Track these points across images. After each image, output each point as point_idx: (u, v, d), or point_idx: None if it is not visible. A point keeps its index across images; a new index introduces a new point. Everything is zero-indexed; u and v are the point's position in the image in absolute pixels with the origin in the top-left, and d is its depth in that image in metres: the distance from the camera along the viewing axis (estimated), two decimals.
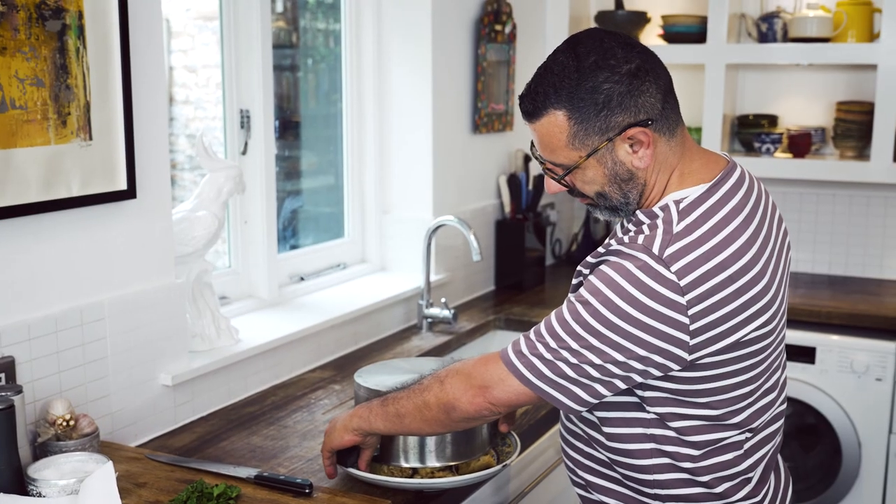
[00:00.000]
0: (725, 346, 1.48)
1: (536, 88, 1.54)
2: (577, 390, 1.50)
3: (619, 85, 1.48)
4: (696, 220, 1.48)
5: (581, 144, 1.51)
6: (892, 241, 3.68)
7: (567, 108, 1.50)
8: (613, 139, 1.50)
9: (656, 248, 1.45)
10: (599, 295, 1.46)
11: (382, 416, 1.67)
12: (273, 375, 2.44)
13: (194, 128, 4.88)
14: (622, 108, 1.48)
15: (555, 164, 1.56)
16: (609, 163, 1.52)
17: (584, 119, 1.49)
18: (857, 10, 3.49)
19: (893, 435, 3.21)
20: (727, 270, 1.46)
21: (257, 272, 2.66)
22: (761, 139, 3.61)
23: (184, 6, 4.84)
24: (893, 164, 3.39)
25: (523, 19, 3.58)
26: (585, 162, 1.53)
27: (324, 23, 3.31)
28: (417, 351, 2.74)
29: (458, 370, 1.60)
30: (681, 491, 1.58)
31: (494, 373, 1.55)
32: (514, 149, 3.60)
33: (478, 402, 1.56)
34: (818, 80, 3.75)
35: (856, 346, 3.20)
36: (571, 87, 1.49)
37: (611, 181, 1.54)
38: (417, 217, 3.10)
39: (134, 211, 2.01)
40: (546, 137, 1.54)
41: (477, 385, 1.56)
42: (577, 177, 1.56)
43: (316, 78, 3.34)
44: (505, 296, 3.41)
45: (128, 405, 2.02)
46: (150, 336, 2.06)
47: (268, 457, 1.98)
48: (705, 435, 1.55)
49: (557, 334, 1.49)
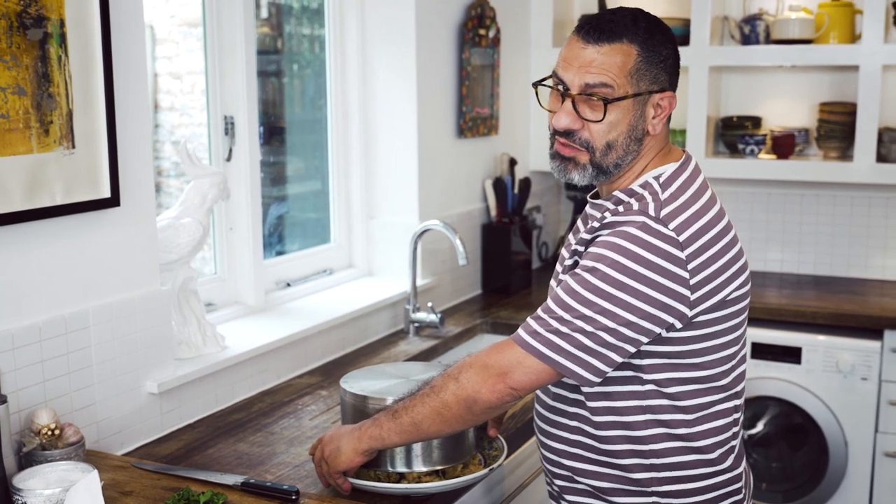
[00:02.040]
0: (715, 303, 1.58)
1: (610, 22, 1.61)
2: (593, 361, 1.54)
3: (674, 53, 1.65)
4: (678, 188, 1.61)
5: (635, 82, 1.60)
6: (876, 240, 3.70)
7: (639, 46, 1.59)
8: (654, 94, 1.62)
9: (652, 210, 1.56)
10: (605, 259, 1.53)
11: (397, 430, 1.65)
12: (260, 382, 2.44)
13: (180, 134, 4.87)
14: (668, 73, 1.63)
15: (602, 88, 1.58)
16: (638, 114, 1.62)
17: (648, 61, 1.60)
18: (839, 11, 3.51)
19: (880, 434, 3.22)
20: (713, 230, 1.58)
21: (243, 278, 2.65)
22: (745, 141, 3.62)
23: (168, 13, 4.85)
24: (876, 165, 3.41)
25: (507, 23, 3.59)
26: (626, 102, 1.60)
27: (308, 28, 3.31)
28: (405, 356, 2.74)
29: (471, 363, 1.61)
30: (676, 459, 1.63)
31: (511, 357, 1.57)
32: (500, 152, 3.60)
33: (499, 388, 1.57)
34: (801, 81, 3.77)
35: (841, 346, 3.22)
36: (646, 34, 1.60)
37: (628, 133, 1.63)
38: (403, 222, 3.10)
39: (118, 219, 2.00)
40: (607, 62, 1.58)
41: (495, 373, 1.57)
42: (607, 114, 1.60)
43: (301, 83, 3.34)
44: (492, 299, 3.42)
45: (114, 414, 2.02)
46: (136, 344, 2.06)
47: (255, 463, 1.97)
48: (698, 399, 1.62)
49: (569, 305, 1.54)
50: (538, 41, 3.80)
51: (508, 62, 3.63)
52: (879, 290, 3.54)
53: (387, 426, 1.66)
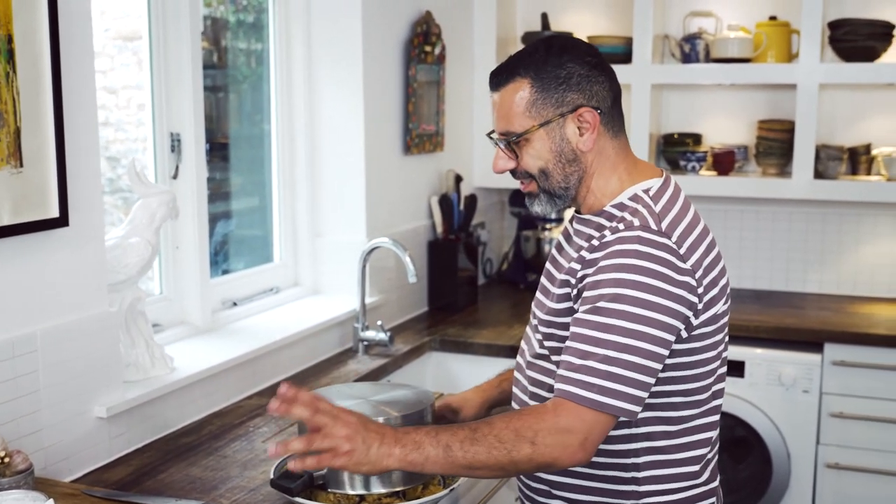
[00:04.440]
0: (709, 317, 1.62)
1: (508, 61, 1.69)
2: (637, 392, 1.53)
3: (580, 67, 1.65)
4: (667, 202, 1.65)
5: (537, 113, 1.65)
6: (814, 255, 3.80)
7: (532, 78, 1.65)
8: (566, 115, 1.65)
9: (652, 224, 1.58)
10: (621, 283, 1.54)
11: (443, 464, 1.50)
12: (210, 404, 2.41)
13: (115, 150, 4.78)
14: (579, 88, 1.65)
15: (509, 132, 1.67)
16: (557, 138, 1.65)
17: (544, 89, 1.64)
18: (776, 31, 3.62)
19: (821, 446, 3.31)
20: (704, 243, 1.63)
21: (190, 298, 2.62)
22: (686, 157, 3.70)
23: (103, 26, 4.77)
24: (814, 181, 3.52)
25: (452, 40, 3.62)
26: (536, 132, 1.65)
27: (245, 43, 3.29)
28: (354, 375, 2.74)
29: (547, 426, 1.51)
30: (657, 472, 1.65)
31: (587, 418, 1.51)
32: (446, 169, 3.62)
33: (579, 456, 1.52)
34: (740, 99, 3.86)
35: (783, 360, 3.30)
36: (539, 62, 1.65)
37: (556, 158, 1.66)
38: (350, 239, 3.10)
39: (66, 239, 1.97)
40: (507, 105, 1.67)
41: (578, 440, 1.51)
42: (526, 149, 1.67)
43: (238, 99, 3.33)
44: (439, 316, 3.43)
45: (62, 439, 1.98)
46: (84, 367, 2.02)
47: (208, 488, 1.95)
48: (680, 412, 1.65)
49: (604, 340, 1.53)
50: (482, 58, 3.84)
51: (453, 79, 3.66)
52: (818, 304, 3.65)
53: (433, 459, 1.50)
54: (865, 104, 3.70)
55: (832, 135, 3.72)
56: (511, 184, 3.92)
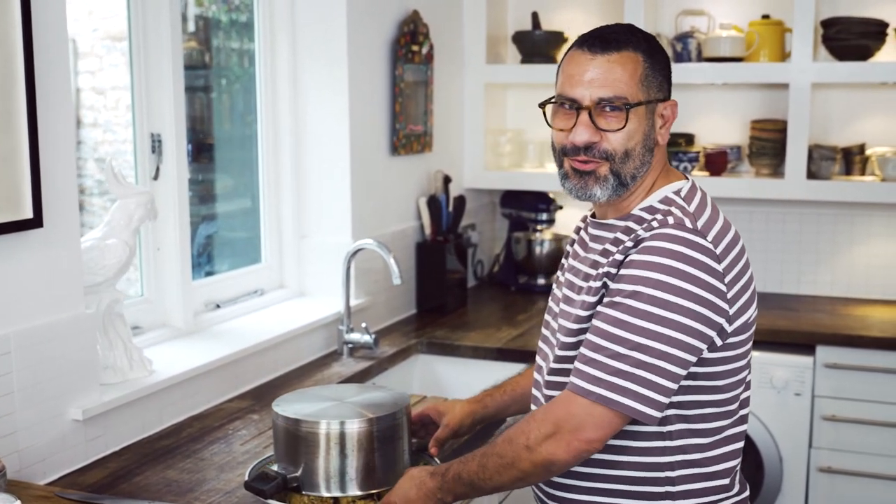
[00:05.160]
0: (741, 324, 1.59)
1: (619, 29, 1.65)
2: (654, 395, 1.51)
3: (670, 65, 1.69)
4: (699, 204, 1.62)
5: (646, 89, 1.62)
6: (809, 256, 3.81)
7: (645, 54, 1.63)
8: (662, 102, 1.65)
9: (688, 223, 1.55)
10: (647, 281, 1.51)
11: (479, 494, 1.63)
12: (189, 406, 2.42)
13: (103, 151, 4.80)
14: (669, 81, 1.68)
15: (619, 98, 1.59)
16: (649, 124, 1.64)
17: (654, 67, 1.63)
18: (769, 29, 3.63)
19: (813, 449, 3.31)
20: (737, 246, 1.61)
21: (171, 300, 2.63)
22: (678, 158, 3.71)
23: (91, 26, 4.78)
24: (807, 181, 3.52)
25: (440, 40, 3.63)
26: (640, 109, 1.61)
27: (238, 42, 3.30)
28: (338, 377, 2.75)
29: (538, 425, 1.55)
30: (692, 486, 1.62)
31: (579, 411, 1.52)
32: (434, 170, 3.63)
33: (574, 447, 1.53)
34: (733, 99, 3.87)
35: (775, 362, 3.30)
36: (647, 43, 1.65)
37: (643, 143, 1.63)
38: (336, 241, 3.11)
39: (41, 240, 1.98)
40: (616, 72, 1.60)
41: (568, 432, 1.52)
42: (630, 122, 1.61)
43: (230, 99, 3.34)
44: (427, 319, 3.44)
45: (36, 441, 1.99)
46: (60, 369, 2.03)
47: (184, 491, 1.96)
48: (712, 423, 1.62)
49: (620, 337, 1.51)
50: (472, 57, 3.85)
51: (442, 79, 3.66)
52: (812, 306, 3.65)
53: (469, 494, 1.64)
54: (860, 104, 3.71)
55: (826, 135, 3.73)
56: (502, 184, 3.94)
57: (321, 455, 1.74)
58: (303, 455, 1.75)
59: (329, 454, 1.74)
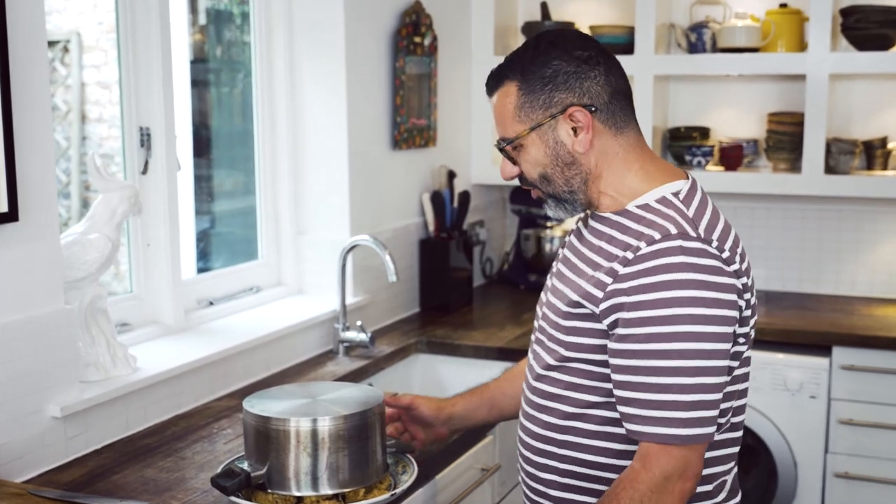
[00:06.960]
0: (745, 331, 1.62)
1: (499, 65, 1.70)
2: (711, 413, 1.52)
3: (567, 65, 1.62)
4: (698, 207, 1.61)
5: (526, 117, 1.64)
6: (829, 254, 3.78)
7: (518, 80, 1.64)
8: (556, 117, 1.62)
9: (691, 230, 1.54)
10: (668, 302, 1.50)
11: None
12: (175, 405, 2.45)
13: (109, 147, 4.87)
14: (567, 87, 1.62)
15: (504, 139, 1.68)
16: (550, 142, 1.64)
17: (530, 91, 1.63)
18: (787, 19, 3.60)
19: (829, 454, 3.29)
20: (739, 247, 1.61)
21: (161, 297, 2.66)
22: (692, 152, 3.69)
23: (96, 20, 4.85)
24: (825, 176, 3.49)
25: (446, 31, 3.63)
26: (528, 137, 1.64)
27: (248, 35, 3.33)
28: (332, 376, 2.76)
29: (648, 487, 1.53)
30: None
31: (678, 455, 1.52)
32: (438, 165, 3.64)
33: (688, 488, 1.54)
34: (749, 90, 3.85)
35: (789, 364, 3.28)
36: (525, 62, 1.64)
37: (553, 163, 1.65)
38: (334, 238, 3.12)
39: (17, 234, 2.01)
40: (499, 110, 1.68)
41: (675, 481, 1.53)
42: (523, 156, 1.68)
43: (241, 92, 3.35)
44: (430, 318, 3.45)
45: (13, 438, 2.02)
46: (38, 366, 2.06)
47: (161, 490, 1.98)
48: None
49: (660, 368, 1.51)
50: (479, 49, 3.85)
51: (448, 71, 3.67)
52: (831, 306, 3.62)
53: None
54: (882, 96, 3.68)
55: (847, 128, 3.69)
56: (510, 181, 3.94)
57: (291, 453, 1.76)
58: (272, 453, 1.77)
59: (298, 452, 1.76)
